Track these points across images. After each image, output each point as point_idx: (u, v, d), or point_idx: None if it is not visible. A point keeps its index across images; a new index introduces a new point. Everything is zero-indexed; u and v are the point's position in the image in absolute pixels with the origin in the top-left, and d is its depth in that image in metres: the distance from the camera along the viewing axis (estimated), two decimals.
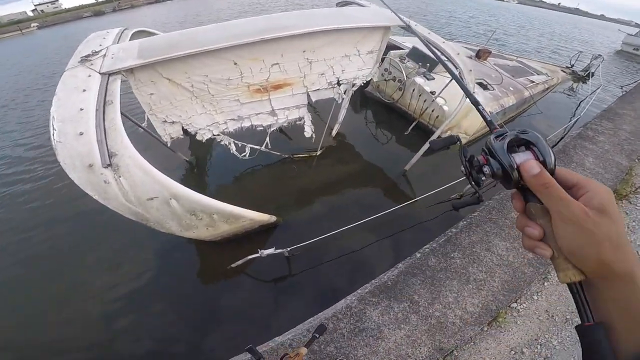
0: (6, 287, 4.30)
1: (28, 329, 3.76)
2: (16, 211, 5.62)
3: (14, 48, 27.17)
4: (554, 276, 3.58)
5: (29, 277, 4.40)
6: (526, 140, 0.55)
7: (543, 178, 0.50)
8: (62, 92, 2.92)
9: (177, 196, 2.89)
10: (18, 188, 6.24)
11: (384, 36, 4.81)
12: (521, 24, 29.09)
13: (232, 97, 4.42)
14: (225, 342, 3.52)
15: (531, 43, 20.88)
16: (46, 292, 4.15)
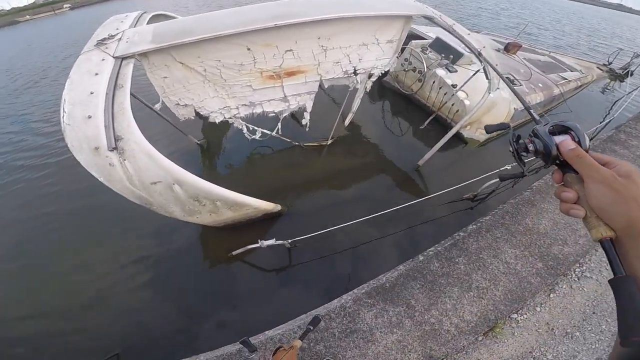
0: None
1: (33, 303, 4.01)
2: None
3: (47, 28, 27.95)
4: (562, 288, 3.49)
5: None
6: (566, 127, 0.70)
7: (578, 151, 0.63)
8: (76, 75, 2.96)
9: (181, 181, 2.92)
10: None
11: (405, 25, 4.60)
12: (557, 18, 27.26)
13: (244, 82, 4.38)
14: (219, 329, 3.59)
15: (567, 38, 19.59)
16: (48, 270, 4.36)
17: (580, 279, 3.58)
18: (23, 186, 5.95)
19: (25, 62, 14.79)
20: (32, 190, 5.78)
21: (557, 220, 4.26)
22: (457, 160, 6.22)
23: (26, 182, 6.04)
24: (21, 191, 5.82)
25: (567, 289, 3.49)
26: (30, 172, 6.30)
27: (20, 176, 6.24)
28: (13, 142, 7.58)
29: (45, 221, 5.08)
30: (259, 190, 4.10)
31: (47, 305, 3.96)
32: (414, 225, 4.71)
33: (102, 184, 2.67)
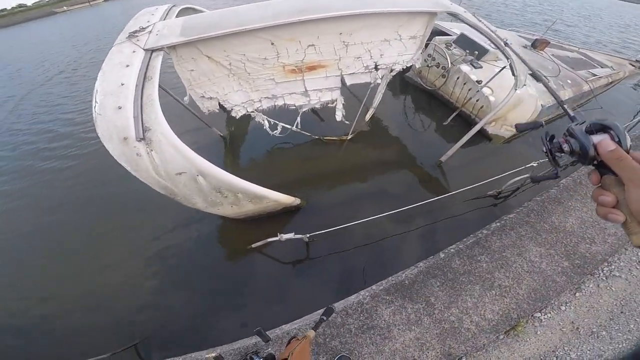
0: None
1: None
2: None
3: (81, 19, 29.12)
4: (588, 287, 3.38)
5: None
6: (605, 126, 0.64)
7: (618, 152, 0.59)
8: (108, 66, 3.08)
9: (204, 173, 2.99)
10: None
11: (429, 22, 4.52)
12: (586, 15, 25.94)
13: (267, 76, 4.46)
14: (236, 321, 3.64)
15: (597, 35, 18.60)
16: (73, 259, 4.54)
17: (608, 278, 3.45)
18: (50, 178, 6.24)
19: (59, 53, 15.47)
20: (58, 181, 6.07)
21: (585, 218, 4.11)
22: (480, 157, 6.05)
23: (51, 174, 6.33)
24: (49, 181, 6.13)
25: (594, 288, 3.37)
26: (59, 161, 6.64)
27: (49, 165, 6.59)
28: (44, 132, 8.00)
29: (69, 212, 5.31)
30: (278, 183, 4.14)
31: (69, 294, 4.12)
32: (434, 222, 4.63)
33: (128, 175, 2.77)
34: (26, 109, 9.51)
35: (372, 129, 6.67)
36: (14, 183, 6.22)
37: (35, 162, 6.75)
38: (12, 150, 7.40)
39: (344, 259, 4.22)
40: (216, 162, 3.10)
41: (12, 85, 11.92)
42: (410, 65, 5.04)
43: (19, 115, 9.26)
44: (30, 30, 29.22)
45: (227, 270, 4.24)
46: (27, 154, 7.14)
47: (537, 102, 6.01)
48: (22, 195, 5.82)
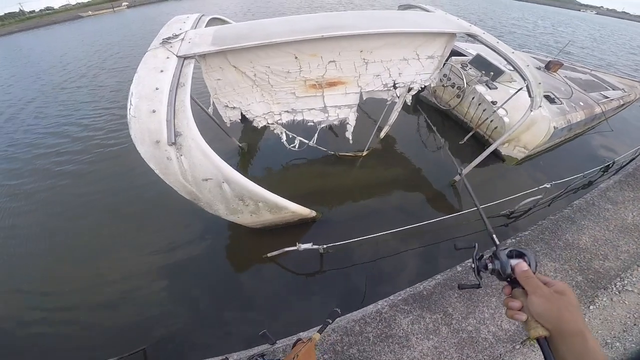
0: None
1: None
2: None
3: (106, 24, 30.07)
4: (602, 300, 3.44)
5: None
6: (521, 253, 0.88)
7: (529, 272, 0.82)
8: (143, 70, 3.19)
9: (230, 180, 3.07)
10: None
11: (448, 43, 4.65)
12: (597, 37, 26.16)
13: (289, 89, 4.57)
14: (249, 329, 3.62)
15: (609, 58, 18.75)
16: (88, 260, 4.60)
17: (621, 292, 3.50)
18: (66, 183, 6.29)
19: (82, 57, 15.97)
20: (74, 186, 6.14)
21: (598, 236, 4.17)
22: (493, 177, 6.12)
23: (68, 179, 6.41)
24: (65, 186, 6.20)
25: (607, 301, 3.41)
26: (76, 166, 6.76)
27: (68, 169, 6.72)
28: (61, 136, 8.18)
29: (83, 217, 5.35)
30: (293, 195, 4.16)
31: (78, 299, 4.13)
32: (447, 239, 4.64)
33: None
34: (49, 112, 9.68)
35: (386, 147, 6.77)
36: (30, 185, 6.29)
37: (51, 166, 6.84)
38: (29, 153, 7.51)
39: (356, 271, 4.24)
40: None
41: (34, 88, 12.19)
42: (427, 84, 5.14)
43: (39, 118, 9.43)
44: (56, 33, 30.16)
45: (240, 278, 4.28)
46: (44, 157, 7.23)
47: (550, 124, 6.06)
48: (36, 199, 5.88)
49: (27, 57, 18.66)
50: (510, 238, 4.15)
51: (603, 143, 7.74)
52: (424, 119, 8.06)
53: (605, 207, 4.70)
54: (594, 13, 71.79)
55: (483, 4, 42.19)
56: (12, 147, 7.75)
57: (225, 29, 4.18)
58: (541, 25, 28.74)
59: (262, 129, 4.94)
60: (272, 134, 5.11)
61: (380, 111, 6.10)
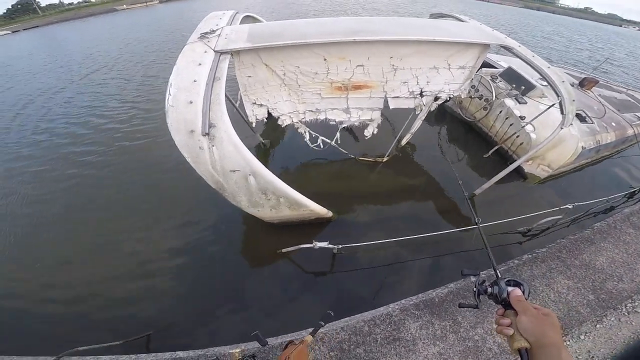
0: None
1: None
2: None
3: (139, 18, 31.06)
4: (609, 320, 3.41)
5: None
6: (519, 283, 1.04)
7: (522, 298, 0.98)
8: (182, 62, 3.34)
9: (256, 173, 3.19)
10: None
11: (481, 53, 4.63)
12: (638, 55, 24.97)
13: (315, 90, 4.67)
14: (255, 323, 3.70)
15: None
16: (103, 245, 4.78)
17: (630, 314, 3.46)
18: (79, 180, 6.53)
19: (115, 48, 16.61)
20: (92, 178, 6.31)
21: (616, 258, 4.12)
22: (513, 194, 6.00)
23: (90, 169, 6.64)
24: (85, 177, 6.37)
25: (614, 321, 3.39)
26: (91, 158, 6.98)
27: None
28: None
29: (98, 209, 5.51)
30: (310, 194, 4.23)
31: (90, 282, 4.29)
32: (461, 250, 4.63)
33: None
34: (76, 103, 9.97)
35: (407, 154, 6.77)
36: (52, 173, 6.47)
37: (74, 156, 7.00)
38: (52, 142, 7.71)
39: (367, 274, 4.29)
40: None
41: (65, 78, 12.67)
42: (457, 94, 5.12)
43: (67, 106, 9.77)
44: (91, 26, 31.36)
45: (251, 273, 4.38)
46: (66, 146, 7.41)
47: (578, 144, 5.90)
48: (57, 187, 6.05)
49: (61, 48, 19.48)
50: (527, 254, 4.11)
51: (630, 168, 7.44)
52: (446, 130, 8.03)
53: (627, 231, 4.59)
54: (637, 29, 68.66)
55: (516, 16, 41.15)
56: (37, 135, 8.07)
57: (259, 27, 4.32)
58: (577, 41, 27.74)
59: (284, 127, 5.03)
60: (294, 133, 5.24)
61: (403, 118, 6.12)
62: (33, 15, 49.32)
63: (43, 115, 9.21)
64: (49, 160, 6.85)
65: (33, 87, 11.78)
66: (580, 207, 4.84)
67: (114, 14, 41.22)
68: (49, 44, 22.36)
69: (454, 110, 8.23)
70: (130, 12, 41.26)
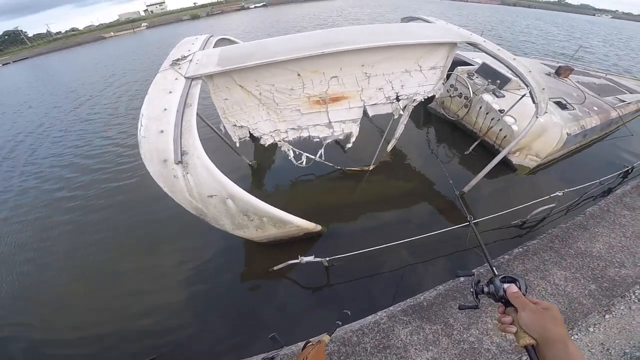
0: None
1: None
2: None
3: (126, 45, 31.63)
4: (619, 309, 3.28)
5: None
6: (514, 278, 1.05)
7: (518, 294, 0.98)
8: (153, 92, 3.36)
9: (234, 196, 3.15)
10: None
11: (449, 52, 4.66)
12: (612, 41, 25.39)
13: (293, 106, 4.69)
14: (255, 342, 3.66)
15: (627, 62, 18.12)
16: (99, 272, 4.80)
17: None
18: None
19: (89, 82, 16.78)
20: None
21: (613, 244, 3.99)
22: (504, 187, 5.97)
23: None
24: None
25: (625, 310, 3.24)
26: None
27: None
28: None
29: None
30: (301, 210, 4.24)
31: (92, 305, 4.33)
32: (456, 251, 4.55)
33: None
34: (64, 142, 9.96)
35: (394, 160, 6.75)
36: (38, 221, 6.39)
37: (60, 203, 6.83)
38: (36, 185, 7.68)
39: (363, 283, 4.22)
40: (244, 188, 3.24)
41: (52, 114, 12.80)
42: (431, 95, 5.13)
43: (53, 146, 9.79)
44: (79, 55, 31.87)
45: (248, 292, 4.33)
46: (50, 192, 7.27)
47: (563, 131, 5.92)
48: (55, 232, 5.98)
49: (49, 82, 19.93)
50: (518, 247, 4.04)
51: (623, 148, 7.44)
52: (433, 131, 8.06)
53: (621, 213, 4.51)
54: (610, 17, 70.35)
55: (494, 14, 42.06)
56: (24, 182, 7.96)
57: (230, 49, 4.34)
58: (555, 32, 28.31)
59: (272, 147, 5.03)
60: (281, 152, 5.22)
61: (387, 125, 6.11)
62: (22, 47, 50.34)
63: (29, 156, 9.25)
64: (38, 208, 6.71)
65: (20, 126, 11.94)
66: (573, 192, 4.81)
67: (102, 42, 42.02)
68: (37, 77, 23.05)
69: (438, 111, 8.28)
70: (117, 39, 42.09)
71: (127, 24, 56.13)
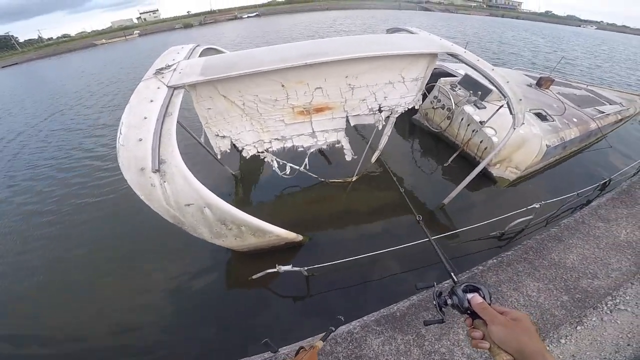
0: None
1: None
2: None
3: (118, 53, 31.40)
4: (591, 320, 3.35)
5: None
6: (476, 287, 0.99)
7: (484, 304, 0.93)
8: (135, 100, 3.36)
9: (211, 205, 3.16)
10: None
11: (429, 63, 4.74)
12: (597, 53, 26.25)
13: (277, 117, 4.70)
14: (235, 349, 3.65)
15: (609, 73, 18.68)
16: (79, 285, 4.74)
17: (613, 312, 3.40)
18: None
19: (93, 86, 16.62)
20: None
21: (587, 255, 4.09)
22: (485, 199, 6.06)
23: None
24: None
25: (597, 321, 3.31)
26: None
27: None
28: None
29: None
30: (284, 220, 4.26)
31: (71, 320, 4.26)
32: (436, 262, 4.55)
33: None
34: (43, 153, 9.69)
35: (377, 171, 6.80)
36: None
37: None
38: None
39: (342, 293, 4.25)
40: (226, 198, 3.28)
41: (32, 122, 12.57)
42: (412, 106, 5.20)
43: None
44: (69, 62, 31.48)
45: (226, 301, 4.32)
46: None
47: (542, 142, 6.04)
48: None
49: (35, 89, 19.75)
50: (492, 258, 4.12)
51: (602, 160, 7.64)
52: (417, 143, 8.18)
53: (595, 225, 4.64)
54: (594, 28, 72.77)
55: (483, 25, 43.08)
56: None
57: (215, 59, 4.35)
58: (542, 44, 29.13)
59: (255, 157, 5.03)
60: (263, 163, 5.21)
61: (371, 135, 6.18)
62: (12, 52, 49.64)
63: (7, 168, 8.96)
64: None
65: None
66: (551, 205, 4.89)
67: (93, 49, 41.72)
68: (24, 83, 22.69)
69: (422, 123, 8.38)
70: (109, 46, 41.78)
71: (119, 31, 55.91)
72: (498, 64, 16.76)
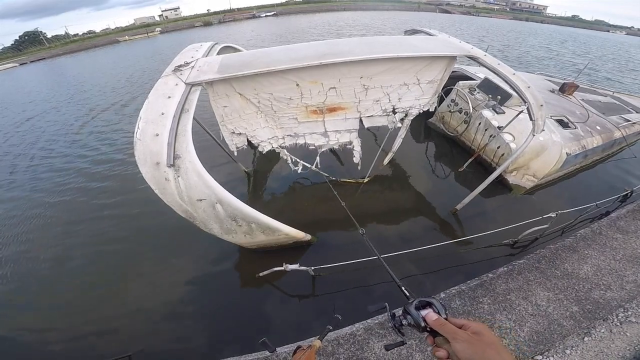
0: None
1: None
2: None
3: (140, 49, 32.16)
4: (599, 332, 3.25)
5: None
6: (428, 302, 0.92)
7: (440, 321, 0.86)
8: (153, 96, 3.44)
9: (222, 201, 3.22)
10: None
11: (447, 66, 4.68)
12: (626, 59, 25.18)
13: (291, 115, 4.75)
14: (234, 344, 3.71)
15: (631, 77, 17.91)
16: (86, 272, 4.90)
17: (623, 324, 3.29)
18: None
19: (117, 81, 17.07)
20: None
21: (602, 266, 3.98)
22: (500, 206, 5.91)
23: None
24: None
25: (605, 332, 3.22)
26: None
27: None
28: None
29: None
30: (294, 219, 4.29)
31: (72, 303, 4.41)
32: (445, 267, 4.55)
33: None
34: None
35: (390, 173, 6.76)
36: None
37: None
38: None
39: (348, 294, 4.24)
40: (238, 195, 3.30)
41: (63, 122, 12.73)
42: (426, 109, 5.14)
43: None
44: (94, 58, 32.40)
45: (234, 297, 4.37)
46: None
47: (562, 150, 5.84)
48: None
49: (62, 85, 20.39)
50: (503, 266, 4.04)
51: (625, 171, 7.32)
52: (432, 146, 8.05)
53: (613, 236, 4.48)
54: (624, 33, 69.75)
55: (507, 28, 42.07)
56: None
57: (231, 57, 4.40)
58: (570, 49, 28.24)
59: (268, 155, 5.07)
60: (278, 160, 5.26)
61: (384, 137, 6.14)
62: (40, 47, 51.51)
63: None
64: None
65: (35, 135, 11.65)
66: (567, 215, 4.75)
67: (116, 45, 42.98)
68: (53, 80, 23.34)
69: (437, 126, 8.26)
70: (131, 42, 42.78)
71: (142, 29, 57.33)
72: (525, 69, 16.31)
